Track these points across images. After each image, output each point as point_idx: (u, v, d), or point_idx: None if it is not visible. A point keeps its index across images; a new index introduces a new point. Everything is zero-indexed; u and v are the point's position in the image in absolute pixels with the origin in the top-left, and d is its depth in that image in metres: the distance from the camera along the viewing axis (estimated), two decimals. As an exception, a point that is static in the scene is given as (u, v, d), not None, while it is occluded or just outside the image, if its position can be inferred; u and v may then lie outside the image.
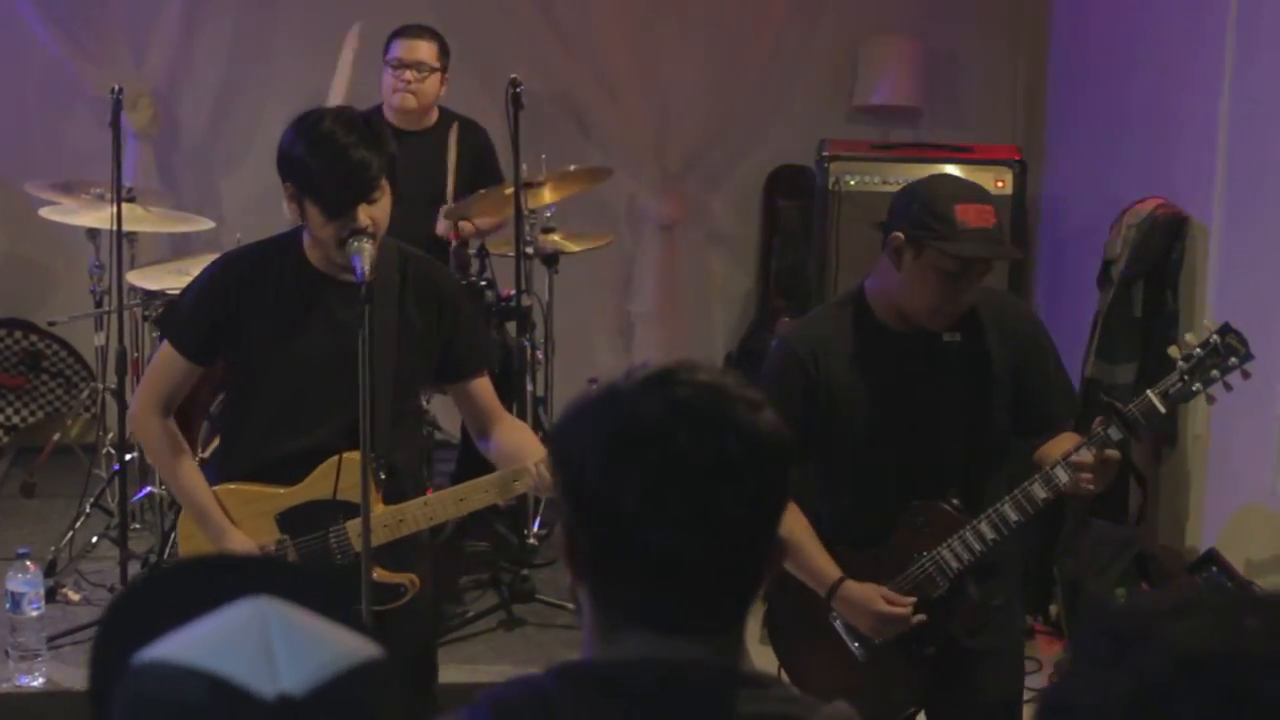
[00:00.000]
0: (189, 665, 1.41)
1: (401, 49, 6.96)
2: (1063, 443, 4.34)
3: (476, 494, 4.49)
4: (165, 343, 4.55)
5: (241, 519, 4.48)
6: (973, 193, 4.23)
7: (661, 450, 1.94)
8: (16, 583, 5.80)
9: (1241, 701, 1.32)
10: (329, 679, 1.41)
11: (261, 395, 4.50)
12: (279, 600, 1.48)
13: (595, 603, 2.02)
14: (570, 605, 6.45)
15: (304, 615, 1.47)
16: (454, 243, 6.61)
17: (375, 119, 4.67)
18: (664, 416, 1.96)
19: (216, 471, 4.61)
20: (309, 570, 3.63)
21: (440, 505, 4.50)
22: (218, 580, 1.54)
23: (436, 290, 4.52)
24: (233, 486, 4.52)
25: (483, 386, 4.60)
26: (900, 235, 4.20)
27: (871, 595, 4.35)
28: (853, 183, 7.31)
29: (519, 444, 4.52)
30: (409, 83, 6.93)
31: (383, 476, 4.43)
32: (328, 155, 4.23)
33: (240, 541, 4.45)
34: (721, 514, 1.95)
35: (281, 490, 4.50)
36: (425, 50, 6.98)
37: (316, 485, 4.46)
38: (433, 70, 6.97)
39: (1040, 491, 4.25)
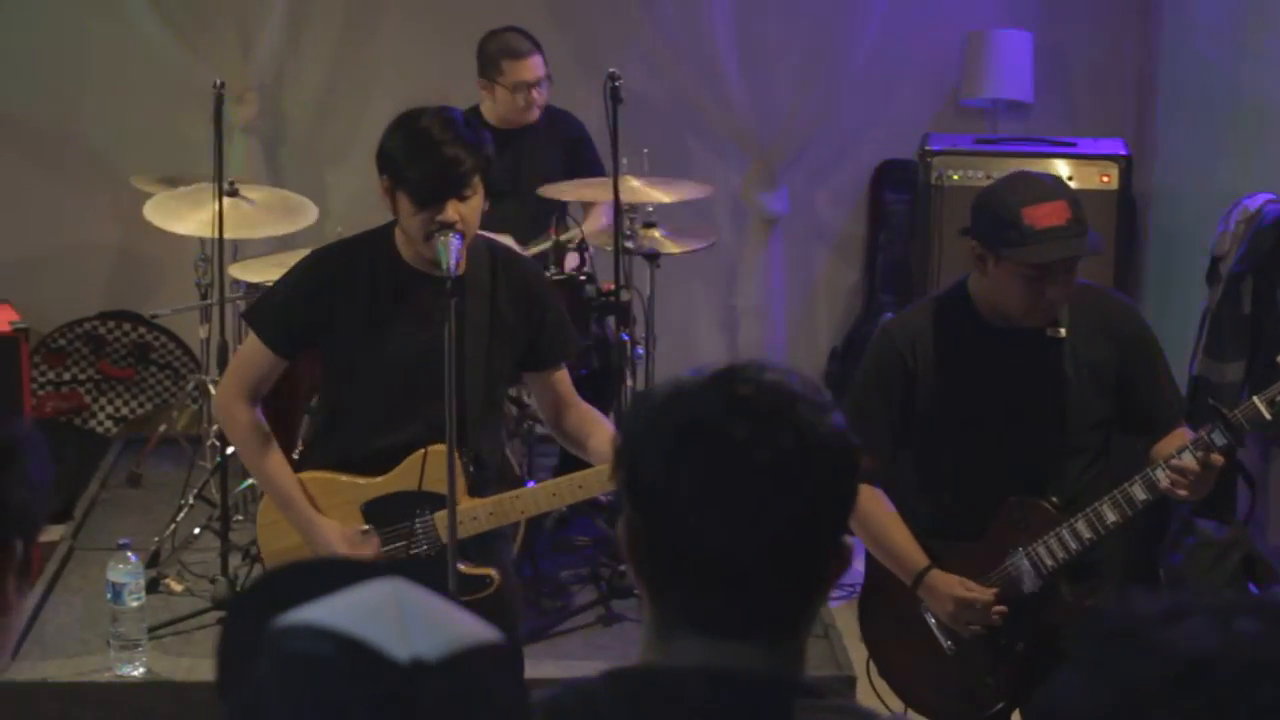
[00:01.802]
0: (327, 626, 1.47)
1: (519, 72, 6.91)
2: (1175, 440, 4.29)
3: (569, 489, 4.51)
4: (252, 334, 4.59)
5: (327, 508, 4.52)
6: (1041, 191, 4.18)
7: (717, 444, 1.92)
8: (117, 573, 5.85)
9: (1232, 707, 1.30)
10: (457, 651, 1.47)
11: (354, 389, 4.55)
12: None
13: (652, 602, 2.00)
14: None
15: (433, 596, 1.54)
16: (554, 239, 6.61)
17: (474, 119, 4.69)
18: (723, 411, 1.94)
19: (308, 462, 4.64)
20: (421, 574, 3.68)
21: (532, 499, 4.52)
22: (347, 574, 1.59)
23: (526, 284, 4.57)
24: (320, 475, 4.56)
25: (562, 376, 4.65)
26: (977, 244, 4.19)
27: (953, 582, 4.33)
28: (956, 177, 7.25)
29: (593, 431, 4.55)
30: (534, 100, 6.93)
31: (470, 469, 4.46)
32: (421, 149, 4.31)
33: (327, 528, 4.50)
34: (775, 514, 1.92)
35: (368, 481, 4.54)
36: (538, 63, 6.95)
37: (403, 477, 4.49)
38: (546, 77, 6.97)
39: (1139, 493, 4.20)
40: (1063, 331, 4.29)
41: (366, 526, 4.53)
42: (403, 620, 1.49)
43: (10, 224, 8.20)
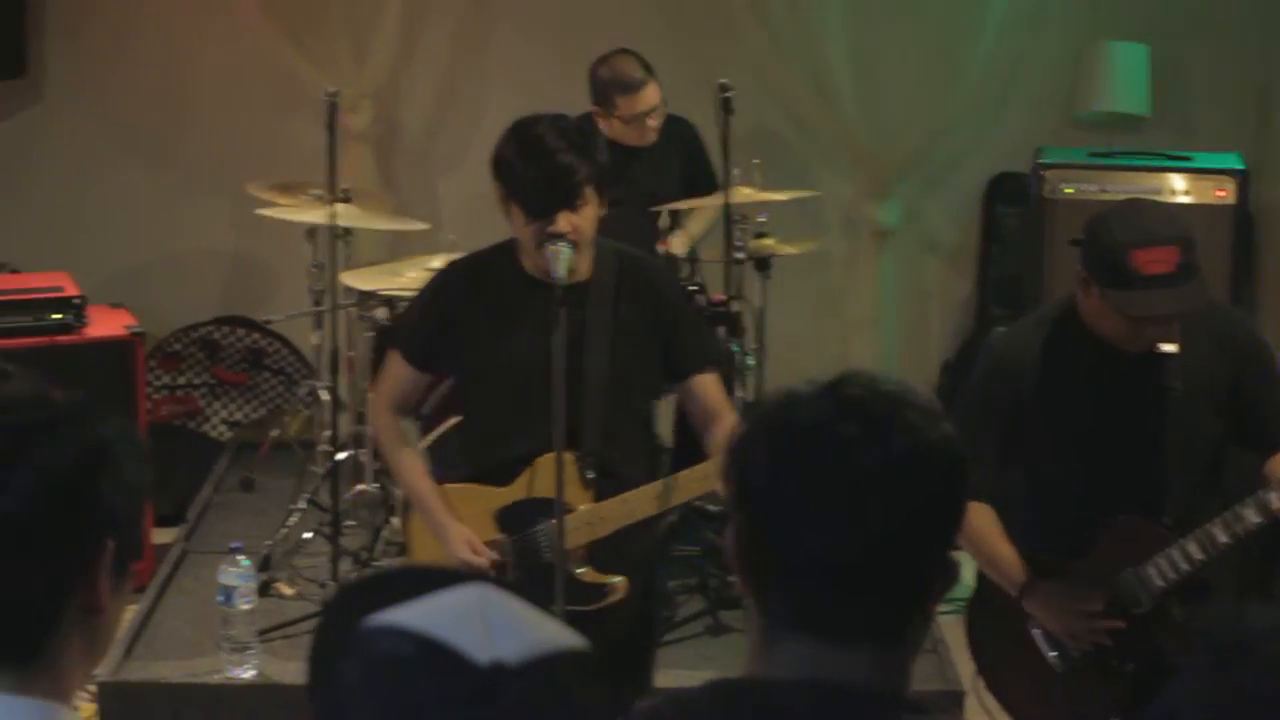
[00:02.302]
0: (410, 628, 1.51)
1: (633, 105, 6.84)
2: None
3: (674, 490, 4.52)
4: (395, 351, 4.69)
5: (466, 517, 4.61)
6: (1152, 232, 4.10)
7: (826, 447, 1.93)
8: (229, 576, 5.90)
9: None
10: (539, 656, 1.50)
11: (484, 399, 4.64)
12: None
13: (758, 608, 2.00)
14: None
15: (519, 602, 1.57)
16: (664, 250, 6.61)
17: (590, 128, 4.70)
18: (833, 413, 1.95)
19: (447, 470, 4.70)
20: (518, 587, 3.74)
21: (638, 501, 4.54)
22: (438, 580, 1.62)
23: (653, 290, 4.59)
24: (457, 486, 4.65)
25: (706, 384, 4.63)
26: (1082, 269, 4.16)
27: (1061, 590, 4.29)
28: (1070, 191, 7.20)
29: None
30: (649, 127, 6.91)
31: (590, 475, 4.48)
32: (534, 158, 4.34)
33: (461, 534, 4.57)
34: (881, 516, 1.92)
35: (500, 489, 4.60)
36: (652, 93, 6.89)
37: (529, 484, 4.53)
38: (661, 101, 6.95)
39: (1251, 515, 4.13)
40: (1172, 347, 4.23)
41: (500, 534, 4.58)
42: (486, 624, 1.52)
43: (127, 230, 8.30)
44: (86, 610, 1.86)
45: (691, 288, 6.61)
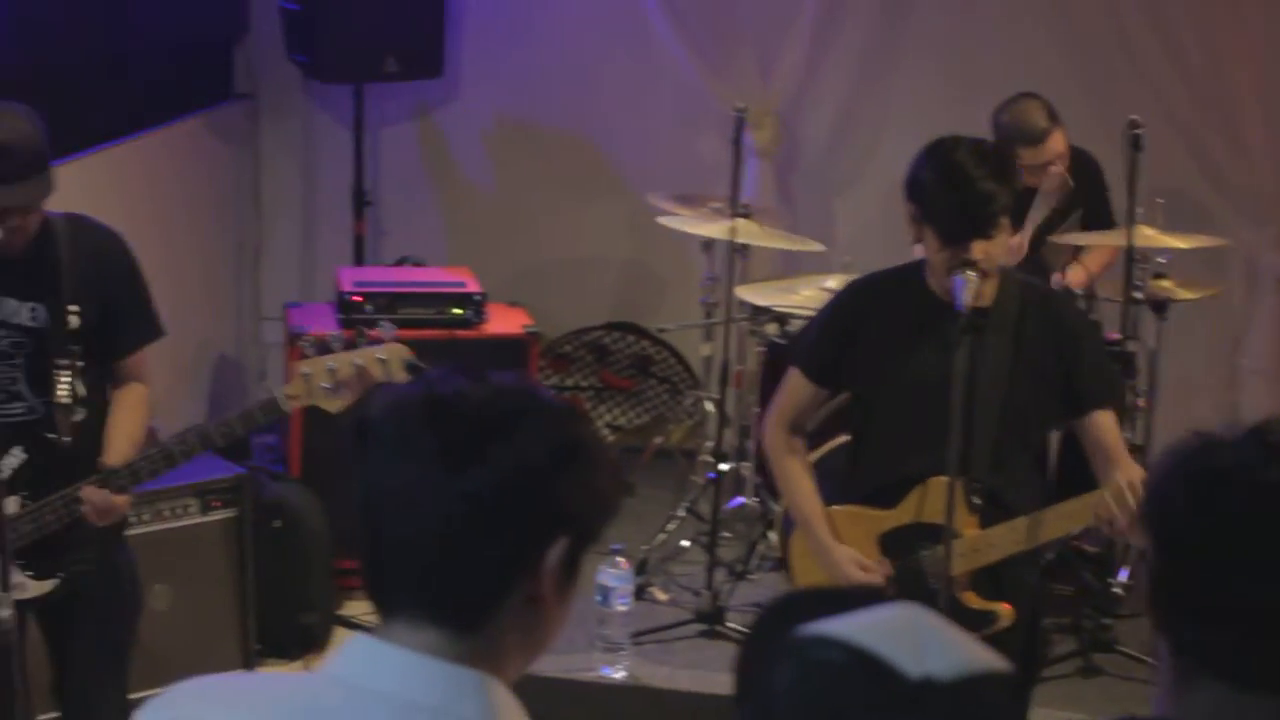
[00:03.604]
0: (844, 638, 1.56)
1: (1037, 156, 6.68)
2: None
3: (1055, 520, 4.47)
4: (793, 367, 4.72)
5: (848, 539, 4.63)
6: None
7: (1250, 490, 1.91)
8: (608, 577, 6.01)
9: None
10: (968, 675, 1.55)
11: (879, 419, 4.67)
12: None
13: (1171, 650, 1.99)
14: (1152, 660, 6.30)
15: (947, 623, 1.62)
16: (1061, 283, 6.54)
17: (1007, 154, 4.66)
18: (1258, 458, 1.93)
19: (837, 495, 4.74)
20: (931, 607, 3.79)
21: (1024, 531, 4.49)
22: (863, 599, 1.68)
23: (1058, 322, 4.55)
24: (842, 509, 4.67)
25: (1103, 422, 4.56)
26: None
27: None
28: None
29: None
30: (1051, 174, 6.78)
31: (976, 502, 4.46)
32: (954, 183, 4.33)
33: (847, 554, 4.60)
34: None
35: (885, 512, 4.61)
36: (1056, 142, 6.75)
37: (914, 508, 4.54)
38: (1066, 149, 6.84)
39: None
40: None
41: (882, 558, 4.60)
42: (919, 640, 1.56)
43: (530, 231, 8.50)
44: (530, 600, 1.93)
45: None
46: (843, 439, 5.51)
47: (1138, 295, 6.57)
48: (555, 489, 1.91)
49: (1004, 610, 4.50)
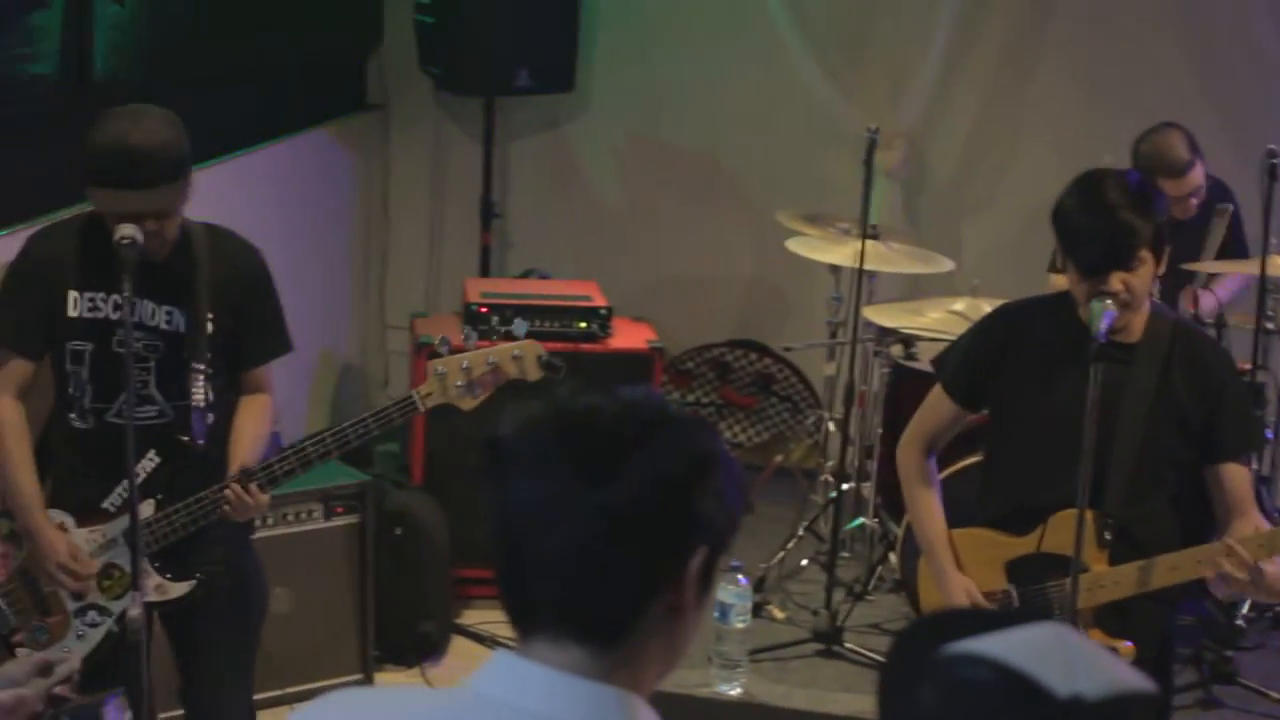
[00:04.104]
0: (993, 657, 1.59)
1: (1178, 189, 6.55)
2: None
3: (1164, 570, 4.42)
4: (938, 385, 4.73)
5: (973, 563, 4.61)
6: None
7: None
8: (727, 594, 6.02)
9: None
10: (1116, 694, 1.58)
11: (1014, 445, 4.65)
12: None
13: None
14: (1274, 694, 6.24)
15: (1094, 644, 1.65)
16: (1193, 313, 6.48)
17: (1153, 187, 4.62)
18: None
19: (962, 512, 4.73)
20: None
21: (1154, 571, 4.45)
22: (1005, 621, 1.69)
23: (1205, 365, 4.51)
24: (972, 531, 4.66)
25: (1233, 474, 4.47)
26: None
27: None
28: None
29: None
30: (1189, 208, 6.69)
31: (1107, 537, 4.43)
32: (1094, 213, 4.32)
33: (960, 582, 4.60)
34: None
35: (1014, 539, 4.59)
36: (1196, 175, 6.67)
37: (1045, 538, 4.50)
38: (1205, 180, 6.75)
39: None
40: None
41: (1008, 586, 4.57)
42: (1068, 660, 1.58)
43: (656, 247, 8.52)
44: (672, 610, 1.94)
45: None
46: (971, 460, 5.50)
47: (1269, 325, 6.50)
48: (692, 499, 1.92)
49: (1125, 649, 4.46)
